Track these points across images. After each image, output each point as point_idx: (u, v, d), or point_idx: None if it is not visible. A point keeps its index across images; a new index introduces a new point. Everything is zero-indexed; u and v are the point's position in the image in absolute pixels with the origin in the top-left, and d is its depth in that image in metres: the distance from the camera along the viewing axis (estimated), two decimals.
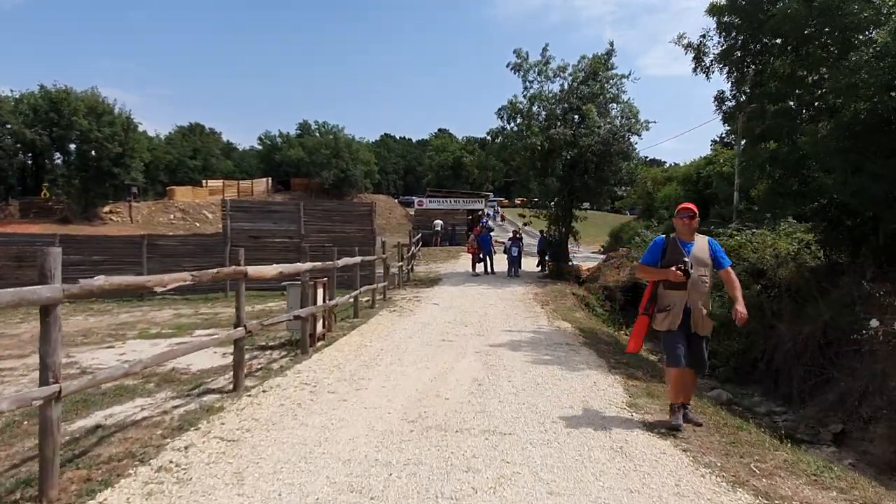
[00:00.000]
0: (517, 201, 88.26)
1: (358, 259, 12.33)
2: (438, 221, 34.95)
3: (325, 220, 19.10)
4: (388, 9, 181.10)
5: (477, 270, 22.60)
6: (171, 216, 52.38)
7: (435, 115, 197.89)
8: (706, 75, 11.96)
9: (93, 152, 48.97)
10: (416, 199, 37.78)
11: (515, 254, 22.26)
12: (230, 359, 7.85)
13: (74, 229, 38.99)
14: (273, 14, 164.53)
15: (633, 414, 5.50)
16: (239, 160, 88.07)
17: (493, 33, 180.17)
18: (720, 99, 12.34)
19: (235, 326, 5.91)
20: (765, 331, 11.45)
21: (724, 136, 59.37)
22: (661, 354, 13.98)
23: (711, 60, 11.81)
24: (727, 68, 11.60)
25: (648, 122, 21.42)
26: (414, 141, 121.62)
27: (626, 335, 16.20)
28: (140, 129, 57.18)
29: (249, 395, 5.61)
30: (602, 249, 41.16)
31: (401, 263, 19.58)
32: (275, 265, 7.07)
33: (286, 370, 6.95)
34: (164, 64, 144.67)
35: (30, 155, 50.34)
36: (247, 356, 8.11)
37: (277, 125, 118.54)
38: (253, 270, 6.03)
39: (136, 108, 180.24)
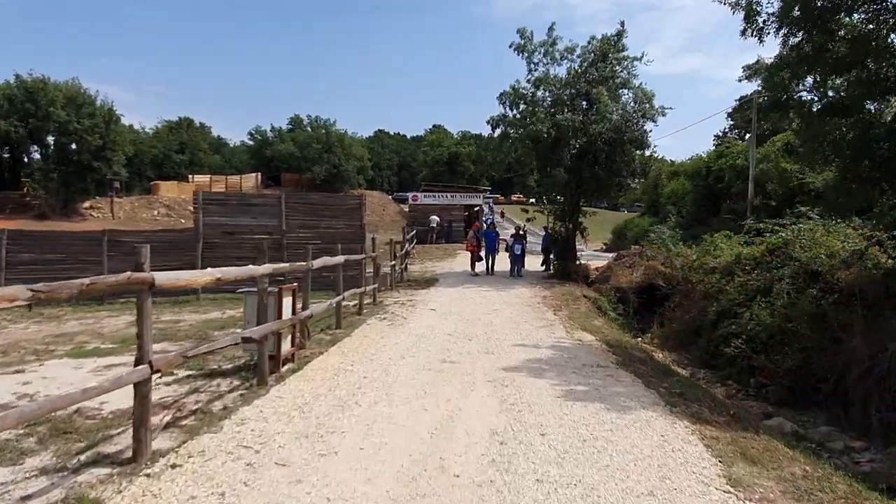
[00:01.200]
0: (513, 198, 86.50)
1: (339, 259, 10.44)
2: (434, 218, 32.99)
3: (310, 214, 17.16)
4: (382, 7, 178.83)
5: (476, 270, 20.68)
6: (156, 212, 50.29)
7: (429, 112, 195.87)
8: (759, 38, 10.08)
9: (73, 145, 46.82)
10: (410, 195, 35.78)
11: (518, 252, 20.36)
12: (162, 391, 5.91)
13: (51, 225, 36.85)
14: (267, 11, 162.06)
15: (746, 501, 3.57)
16: (230, 156, 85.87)
17: (488, 32, 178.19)
18: (773, 67, 10.44)
19: (136, 363, 3.91)
20: (829, 345, 9.55)
21: (727, 130, 57.70)
22: (705, 371, 12.21)
23: (765, 21, 9.91)
24: (785, 28, 9.70)
25: (664, 108, 19.54)
26: (409, 137, 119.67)
27: (648, 343, 14.35)
28: (124, 121, 55.01)
29: (149, 475, 3.65)
30: (605, 247, 39.34)
31: (393, 262, 17.65)
32: (210, 269, 5.11)
33: (228, 416, 4.99)
34: (158, 61, 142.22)
35: (6, 148, 48.04)
36: (185, 388, 6.16)
37: (271, 121, 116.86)
38: (164, 278, 4.05)
39: (132, 105, 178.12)
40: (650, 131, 19.66)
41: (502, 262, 21.65)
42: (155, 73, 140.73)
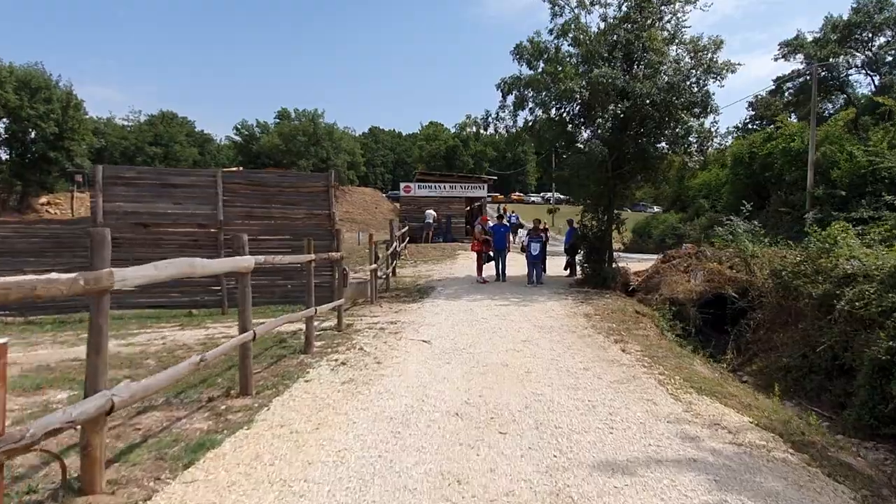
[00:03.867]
0: (513, 196, 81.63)
1: (243, 262, 5.65)
2: (430, 212, 28.16)
3: (258, 199, 12.44)
4: (375, 6, 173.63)
5: (483, 275, 15.94)
6: None
7: (424, 111, 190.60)
8: None
9: (32, 133, 42.01)
10: (402, 185, 30.92)
11: (537, 252, 15.62)
12: None
13: None
14: (261, 9, 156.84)
15: None
16: (216, 152, 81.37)
17: (481, 32, 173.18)
18: None
19: None
20: None
21: (747, 121, 52.94)
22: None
23: None
24: None
25: (733, 64, 14.82)
26: (404, 134, 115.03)
27: (730, 376, 9.54)
28: (99, 114, 50.08)
29: None
30: (623, 248, 34.61)
31: (374, 266, 12.94)
32: None
33: None
34: (147, 60, 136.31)
35: None
36: None
37: (258, 117, 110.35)
38: None
39: (124, 105, 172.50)
40: (714, 93, 14.95)
41: (512, 265, 16.94)
42: (142, 72, 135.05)
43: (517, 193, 77.96)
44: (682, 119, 15.08)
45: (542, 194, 77.83)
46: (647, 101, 14.47)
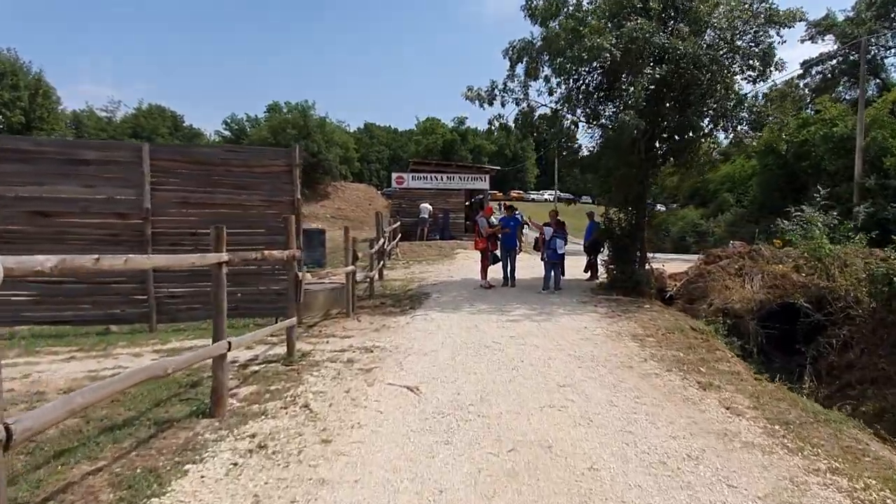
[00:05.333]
0: (512, 193, 78.33)
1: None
2: (425, 206, 25.13)
3: (199, 182, 9.49)
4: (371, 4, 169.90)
5: (488, 279, 13.05)
6: None
7: (421, 109, 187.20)
8: None
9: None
10: (394, 175, 27.78)
11: (560, 251, 12.72)
12: None
13: None
14: (256, 2, 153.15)
15: None
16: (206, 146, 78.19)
17: (479, 31, 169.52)
18: None
19: None
20: None
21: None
22: None
23: None
24: None
25: (799, 11, 11.92)
26: (400, 130, 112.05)
27: (818, 409, 6.56)
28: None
29: None
30: None
31: (351, 269, 10.05)
32: None
33: None
34: (142, 59, 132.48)
35: None
36: None
37: (247, 111, 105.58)
38: None
39: (131, 107, 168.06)
40: (776, 48, 11.99)
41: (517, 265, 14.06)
42: (144, 71, 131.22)
43: (516, 191, 75.07)
44: (732, 86, 12.23)
45: (541, 192, 75.02)
46: (693, 63, 11.58)
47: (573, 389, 5.30)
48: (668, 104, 12.18)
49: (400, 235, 22.50)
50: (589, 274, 14.98)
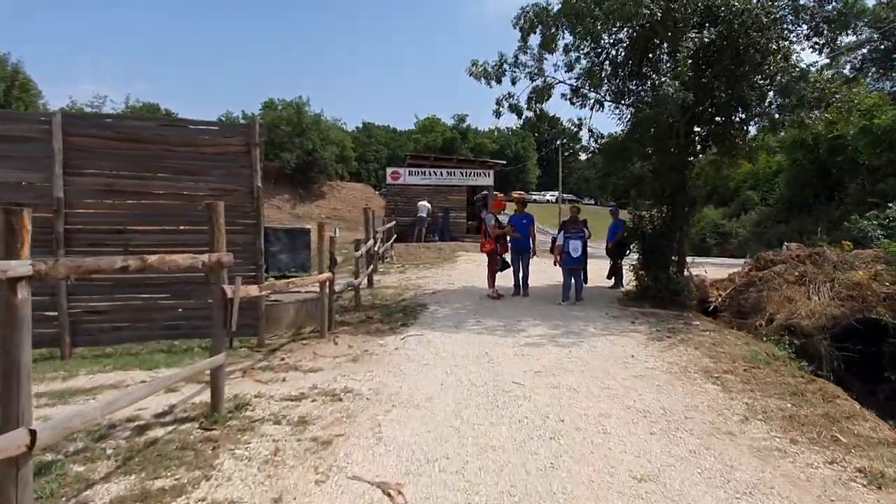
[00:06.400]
0: (514, 194, 75.63)
1: None
2: (423, 204, 22.86)
3: (129, 165, 7.35)
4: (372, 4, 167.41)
5: (496, 287, 10.92)
6: None
7: (420, 109, 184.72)
8: None
9: None
10: (389, 171, 25.45)
11: (579, 254, 10.57)
12: None
13: None
14: (257, 7, 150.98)
15: None
16: None
17: (480, 31, 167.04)
18: None
19: None
20: None
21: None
22: None
23: None
24: None
25: None
26: (399, 130, 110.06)
27: None
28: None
29: None
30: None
31: (326, 276, 7.90)
32: None
33: None
34: (144, 59, 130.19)
35: None
36: None
37: (243, 108, 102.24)
38: None
39: (120, 105, 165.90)
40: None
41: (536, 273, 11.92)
42: (144, 71, 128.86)
43: (517, 192, 72.95)
44: (791, 55, 10.11)
45: (543, 193, 72.96)
46: (749, 25, 9.45)
47: (661, 489, 3.14)
48: (717, 69, 10.00)
49: (395, 236, 20.33)
50: (613, 280, 12.83)
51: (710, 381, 5.37)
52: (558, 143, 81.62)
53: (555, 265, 11.08)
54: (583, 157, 25.17)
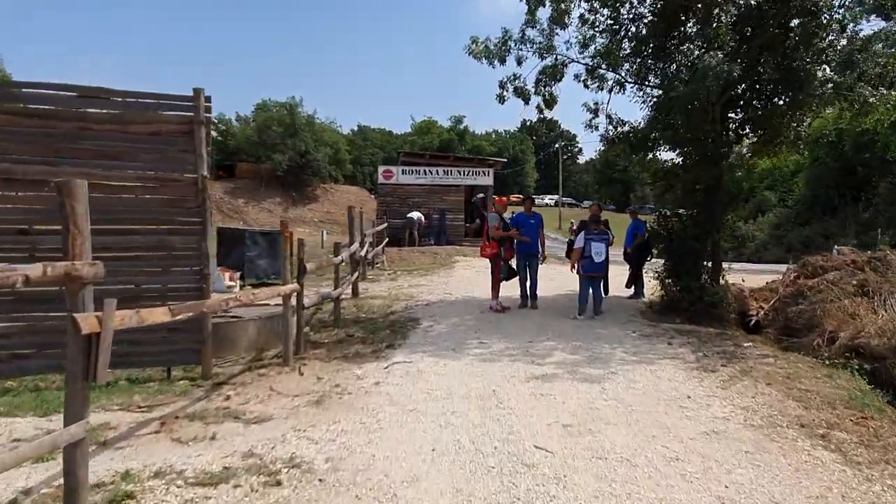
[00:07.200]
0: (512, 198, 74.44)
1: None
2: (415, 214, 20.88)
3: (35, 147, 5.73)
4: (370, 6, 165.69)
5: (499, 300, 9.30)
6: None
7: (417, 112, 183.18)
8: None
9: None
10: (381, 170, 23.63)
11: (602, 259, 8.93)
12: None
13: None
14: (255, 8, 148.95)
15: None
16: None
17: (476, 33, 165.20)
18: None
19: None
20: None
21: None
22: None
23: None
24: None
25: None
26: (395, 133, 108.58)
27: None
28: None
29: None
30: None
31: (291, 287, 6.26)
32: None
33: None
34: (144, 59, 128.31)
35: None
36: None
37: (237, 109, 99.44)
38: None
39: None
40: None
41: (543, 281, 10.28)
42: (147, 72, 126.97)
43: (515, 196, 71.54)
44: (847, 25, 8.54)
45: (542, 196, 71.49)
46: None
47: None
48: (761, 48, 8.41)
49: (387, 240, 18.68)
50: (633, 290, 11.22)
51: (820, 445, 3.74)
52: (556, 146, 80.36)
53: (572, 271, 9.43)
54: (593, 152, 23.56)
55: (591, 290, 9.01)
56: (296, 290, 6.55)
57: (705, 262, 9.60)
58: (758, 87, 8.93)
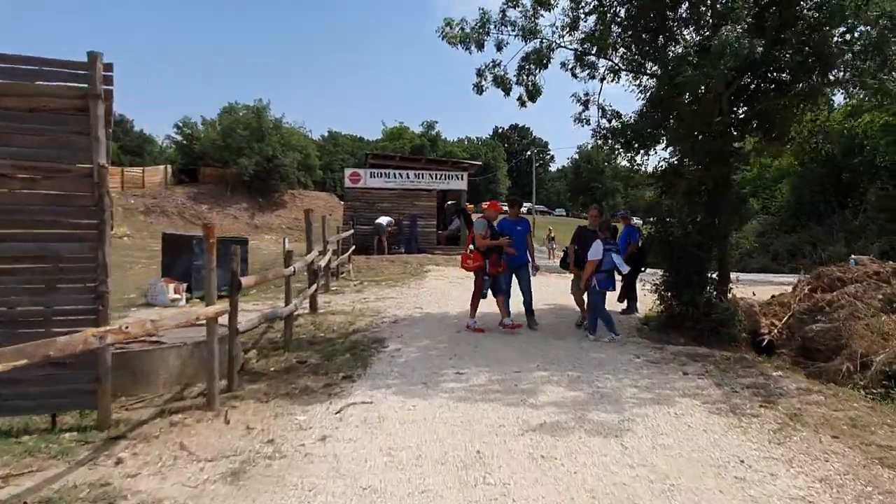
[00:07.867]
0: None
1: None
2: (383, 220, 19.48)
3: None
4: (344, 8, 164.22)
5: (475, 319, 8.02)
6: None
7: (388, 118, 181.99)
8: None
9: None
10: (348, 173, 22.07)
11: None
12: None
13: None
14: (254, 6, 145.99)
15: None
16: (158, 155, 71.97)
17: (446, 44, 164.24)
18: None
19: None
20: None
21: None
22: None
23: None
24: None
25: None
26: (366, 140, 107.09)
27: None
28: None
29: None
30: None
31: (216, 309, 4.88)
32: None
33: None
34: (144, 58, 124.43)
35: None
36: None
37: (203, 113, 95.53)
38: None
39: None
40: None
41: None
42: (146, 71, 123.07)
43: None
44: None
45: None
46: None
47: None
48: (781, 26, 7.34)
49: (353, 247, 17.27)
50: (626, 304, 10.03)
51: None
52: (529, 153, 79.91)
53: (583, 287, 8.09)
54: (588, 145, 22.54)
55: (598, 310, 7.76)
56: (222, 313, 5.15)
57: (710, 274, 8.48)
58: (771, 73, 7.85)
